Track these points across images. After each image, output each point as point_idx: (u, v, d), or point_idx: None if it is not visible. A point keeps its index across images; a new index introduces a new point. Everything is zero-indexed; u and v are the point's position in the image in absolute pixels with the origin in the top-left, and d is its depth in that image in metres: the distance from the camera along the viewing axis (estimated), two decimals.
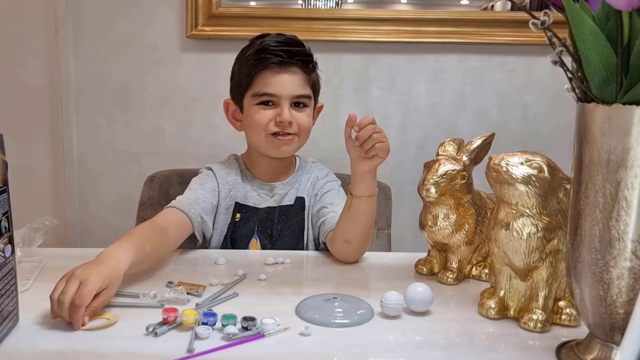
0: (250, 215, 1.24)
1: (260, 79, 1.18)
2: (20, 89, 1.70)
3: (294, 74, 1.19)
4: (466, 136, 1.05)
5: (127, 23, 1.67)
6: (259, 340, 0.77)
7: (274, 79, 1.18)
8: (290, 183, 1.27)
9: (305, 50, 1.21)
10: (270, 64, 1.17)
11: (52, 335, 0.77)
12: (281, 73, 1.18)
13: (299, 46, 1.21)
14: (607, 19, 0.64)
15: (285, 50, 1.17)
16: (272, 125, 1.19)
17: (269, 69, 1.18)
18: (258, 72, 1.18)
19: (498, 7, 1.69)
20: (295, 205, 1.25)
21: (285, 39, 1.20)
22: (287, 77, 1.18)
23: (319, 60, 1.65)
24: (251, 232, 1.23)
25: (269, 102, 1.19)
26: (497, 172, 0.81)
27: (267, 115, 1.19)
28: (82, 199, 1.76)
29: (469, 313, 0.88)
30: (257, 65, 1.18)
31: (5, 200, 0.75)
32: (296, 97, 1.19)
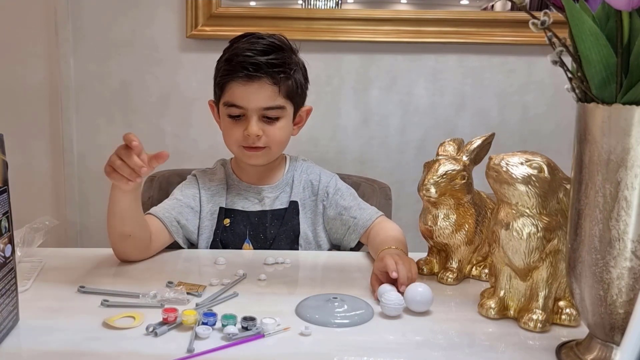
0: (240, 220, 1.22)
1: (230, 89, 1.16)
2: (20, 89, 1.70)
3: (262, 87, 1.13)
4: (466, 136, 1.05)
5: (127, 23, 1.67)
6: (259, 340, 0.77)
7: (241, 90, 1.14)
8: (280, 186, 1.25)
9: (276, 60, 1.14)
10: (237, 76, 1.14)
11: (52, 335, 0.77)
12: (248, 85, 1.13)
13: (273, 53, 1.14)
14: (607, 19, 0.64)
15: (252, 62, 1.12)
16: (241, 138, 1.17)
17: (236, 81, 1.14)
18: (227, 82, 1.16)
19: (498, 7, 1.69)
20: (290, 209, 1.24)
21: (257, 48, 1.14)
22: (254, 90, 1.13)
23: (319, 61, 1.66)
24: (243, 237, 1.22)
25: (239, 115, 1.16)
26: (497, 172, 0.81)
27: (237, 130, 1.17)
28: (82, 198, 1.76)
29: (469, 313, 0.88)
30: (226, 76, 1.15)
31: (5, 200, 0.75)
32: (265, 109, 1.15)
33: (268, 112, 1.15)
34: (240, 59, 1.13)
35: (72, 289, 0.92)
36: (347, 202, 1.23)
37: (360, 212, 1.21)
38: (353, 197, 1.25)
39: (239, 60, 1.13)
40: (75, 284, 0.93)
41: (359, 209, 1.22)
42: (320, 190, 1.25)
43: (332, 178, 1.28)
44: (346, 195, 1.24)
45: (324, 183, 1.26)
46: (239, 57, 1.14)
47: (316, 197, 1.26)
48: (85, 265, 1.05)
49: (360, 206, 1.23)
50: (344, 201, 1.23)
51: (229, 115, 1.17)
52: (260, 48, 1.14)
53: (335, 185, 1.26)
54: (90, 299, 0.88)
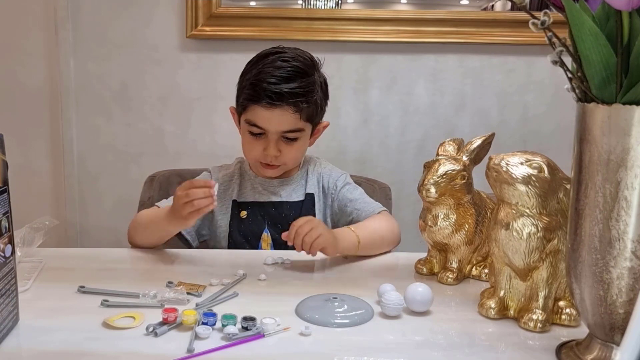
0: (258, 211, 1.26)
1: (252, 110, 1.18)
2: (20, 89, 1.70)
3: (284, 113, 1.16)
4: (466, 136, 1.05)
5: (127, 23, 1.67)
6: (259, 340, 0.77)
7: (263, 114, 1.17)
8: (295, 180, 1.30)
9: (299, 88, 1.16)
10: (260, 102, 1.16)
11: (52, 335, 0.77)
12: (270, 110, 1.16)
13: (298, 79, 1.17)
14: (607, 19, 0.64)
15: (276, 91, 1.15)
16: (260, 155, 1.21)
17: (259, 104, 1.17)
18: (250, 104, 1.19)
19: (498, 7, 1.69)
20: (307, 201, 1.28)
21: (281, 73, 1.16)
22: (277, 114, 1.16)
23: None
24: (261, 227, 1.25)
25: (260, 133, 1.20)
26: (497, 172, 0.81)
27: (256, 146, 1.21)
28: (82, 199, 1.76)
29: (469, 313, 0.88)
30: (250, 98, 1.18)
31: (5, 200, 0.75)
32: (285, 132, 1.19)
33: (288, 134, 1.20)
34: (264, 85, 1.15)
35: (72, 289, 0.92)
36: (353, 196, 1.27)
37: (364, 205, 1.25)
38: (360, 193, 1.29)
39: (263, 87, 1.15)
40: (75, 284, 0.92)
41: (363, 202, 1.26)
42: (330, 183, 1.30)
43: (342, 174, 1.32)
44: (353, 190, 1.29)
45: (334, 177, 1.30)
46: (263, 84, 1.16)
47: (326, 190, 1.30)
48: (85, 265, 1.05)
49: (366, 200, 1.27)
50: (351, 194, 1.28)
51: (250, 132, 1.21)
52: (284, 75, 1.16)
53: (345, 180, 1.31)
54: (90, 299, 0.88)
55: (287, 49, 1.22)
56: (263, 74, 1.17)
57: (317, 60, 1.23)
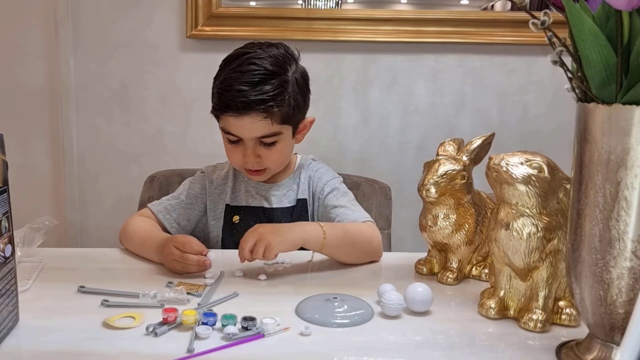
0: (250, 216, 1.24)
1: (223, 118, 1.15)
2: (20, 89, 1.70)
3: (253, 120, 1.11)
4: (466, 136, 1.05)
5: (127, 23, 1.67)
6: (259, 340, 0.77)
7: (233, 122, 1.13)
8: (286, 184, 1.25)
9: (264, 96, 1.09)
10: (228, 112, 1.12)
11: (52, 335, 0.77)
12: (239, 118, 1.11)
13: (265, 83, 1.10)
14: (607, 19, 0.64)
15: (242, 100, 1.09)
16: (240, 161, 1.17)
17: (228, 114, 1.13)
18: (221, 113, 1.15)
19: (498, 7, 1.69)
20: (298, 206, 1.25)
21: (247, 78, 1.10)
22: (246, 123, 1.11)
23: (319, 61, 1.66)
24: None
25: (236, 140, 1.16)
26: (497, 172, 0.81)
27: (236, 153, 1.17)
28: (82, 199, 1.76)
29: (469, 313, 0.88)
30: (218, 108, 1.15)
31: (5, 200, 0.75)
32: (260, 137, 1.14)
33: (264, 139, 1.14)
34: (229, 95, 1.10)
35: (72, 289, 0.92)
36: (339, 202, 1.20)
37: (349, 212, 1.18)
38: (348, 200, 1.22)
39: (229, 97, 1.10)
40: (75, 284, 0.92)
41: (348, 210, 1.18)
42: (318, 187, 1.25)
43: (333, 179, 1.26)
44: (340, 196, 1.22)
45: (324, 181, 1.25)
46: (230, 93, 1.10)
47: (314, 194, 1.26)
48: (85, 265, 1.05)
49: (351, 208, 1.19)
50: (337, 201, 1.21)
51: (228, 140, 1.17)
52: (250, 80, 1.10)
53: (333, 185, 1.24)
54: (90, 299, 0.88)
55: (258, 47, 1.15)
56: (229, 80, 1.11)
57: (291, 54, 1.17)
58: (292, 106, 1.14)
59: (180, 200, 1.23)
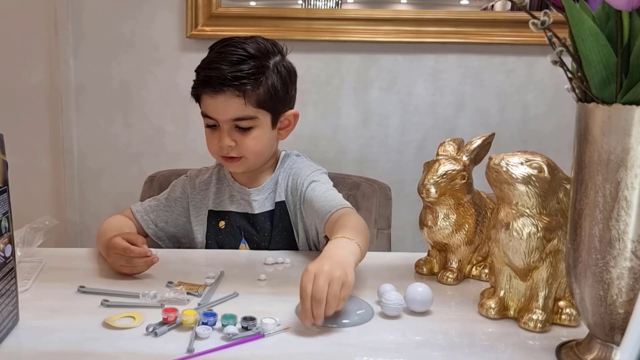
0: (234, 221, 1.21)
1: (202, 100, 1.14)
2: (20, 89, 1.70)
3: (228, 99, 1.10)
4: (466, 136, 1.05)
5: (127, 23, 1.67)
6: (259, 340, 0.77)
7: (209, 102, 1.12)
8: (266, 188, 1.21)
9: (239, 73, 1.09)
10: (204, 90, 1.12)
11: (52, 335, 0.77)
12: (215, 98, 1.11)
13: (242, 63, 1.10)
14: (607, 19, 0.64)
15: (217, 75, 1.09)
16: (217, 148, 1.15)
17: (205, 93, 1.12)
18: (198, 93, 1.14)
19: (498, 7, 1.69)
20: (277, 210, 1.20)
21: (226, 57, 1.10)
22: (221, 102, 1.10)
23: (319, 61, 1.66)
24: (238, 238, 1.21)
25: (213, 125, 1.14)
26: (497, 172, 0.81)
27: (213, 140, 1.15)
28: (82, 198, 1.76)
29: (469, 313, 0.88)
30: (196, 87, 1.14)
31: (5, 200, 0.75)
32: (235, 120, 1.12)
33: (239, 122, 1.13)
34: (206, 72, 1.11)
35: (72, 289, 0.92)
36: (316, 193, 1.14)
37: (325, 201, 1.11)
38: (325, 189, 1.16)
39: (205, 75, 1.11)
40: (75, 284, 0.93)
41: (324, 199, 1.12)
42: (298, 184, 1.19)
43: (311, 172, 1.20)
44: (317, 187, 1.16)
45: (303, 177, 1.19)
46: (206, 71, 1.11)
47: (294, 193, 1.20)
48: (85, 265, 1.05)
49: (328, 197, 1.12)
50: (314, 192, 1.15)
51: (207, 125, 1.17)
52: (229, 59, 1.11)
53: (311, 178, 1.18)
54: (90, 299, 0.88)
55: (245, 37, 1.15)
56: (209, 60, 1.13)
57: (279, 48, 1.17)
58: (270, 92, 1.12)
59: (160, 202, 1.24)
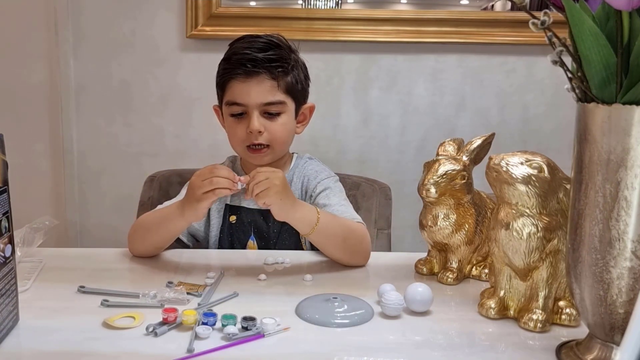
0: (245, 217, 1.23)
1: (230, 87, 1.17)
2: (20, 89, 1.70)
3: (261, 82, 1.14)
4: (466, 136, 1.05)
5: (128, 23, 1.67)
6: (259, 340, 0.77)
7: (240, 88, 1.15)
8: None
9: (274, 55, 1.15)
10: (236, 74, 1.15)
11: (52, 335, 0.77)
12: (247, 81, 1.14)
13: (270, 50, 1.16)
14: (607, 19, 0.64)
15: (250, 58, 1.14)
16: (244, 136, 1.17)
17: (235, 79, 1.15)
18: (227, 81, 1.17)
19: (498, 7, 1.69)
20: None
21: (254, 45, 1.16)
22: (253, 86, 1.14)
23: (319, 61, 1.66)
24: (247, 234, 1.23)
25: (241, 113, 1.17)
26: (497, 172, 0.81)
27: (240, 129, 1.17)
28: (82, 198, 1.76)
29: (469, 313, 0.88)
30: (225, 75, 1.17)
31: (5, 200, 0.75)
32: (265, 104, 1.15)
33: (269, 107, 1.16)
34: (238, 56, 1.15)
35: (72, 289, 0.92)
36: (330, 201, 1.18)
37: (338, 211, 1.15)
38: (339, 199, 1.20)
39: (237, 58, 1.15)
40: (75, 284, 0.92)
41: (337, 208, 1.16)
42: (311, 186, 1.23)
43: (326, 178, 1.24)
44: (332, 195, 1.20)
45: (318, 180, 1.23)
46: (237, 55, 1.16)
47: (307, 193, 1.24)
48: (85, 265, 1.05)
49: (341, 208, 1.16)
50: (328, 200, 1.18)
51: (232, 115, 1.18)
52: (258, 46, 1.16)
53: (326, 184, 1.22)
54: (90, 299, 0.88)
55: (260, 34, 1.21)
56: (237, 48, 1.17)
57: (293, 44, 1.22)
58: (296, 80, 1.19)
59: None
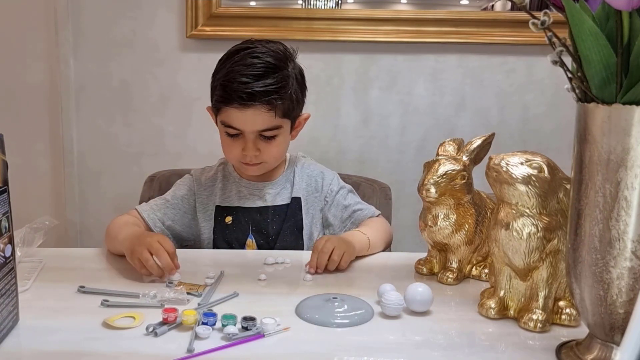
0: (242, 216, 1.23)
1: (225, 111, 1.15)
2: (20, 89, 1.70)
3: (257, 112, 1.12)
4: (466, 136, 1.05)
5: (128, 23, 1.67)
6: (259, 340, 0.77)
7: (237, 115, 1.13)
8: (280, 182, 1.26)
9: (269, 88, 1.11)
10: (232, 103, 1.13)
11: (52, 335, 0.77)
12: (244, 110, 1.12)
13: (268, 76, 1.12)
14: (607, 19, 0.64)
15: (247, 92, 1.11)
16: (239, 155, 1.18)
17: (231, 106, 1.13)
18: (223, 106, 1.15)
19: (498, 7, 1.69)
20: (292, 205, 1.25)
21: (252, 72, 1.12)
22: (249, 116, 1.13)
23: (319, 61, 1.66)
24: (246, 233, 1.23)
25: (236, 134, 1.16)
26: (497, 172, 0.81)
27: (235, 147, 1.17)
28: (82, 198, 1.76)
29: (469, 313, 0.88)
30: (221, 100, 1.15)
31: (5, 200, 0.75)
32: (262, 131, 1.15)
33: (265, 132, 1.16)
34: (234, 86, 1.12)
35: (72, 289, 0.92)
36: (348, 201, 1.28)
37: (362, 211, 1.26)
38: (353, 196, 1.30)
39: (233, 88, 1.12)
40: (75, 284, 0.92)
41: (359, 207, 1.27)
42: (325, 187, 1.28)
43: (334, 177, 1.30)
44: (346, 194, 1.29)
45: (328, 181, 1.28)
46: (234, 84, 1.12)
47: (319, 194, 1.28)
48: (85, 265, 1.05)
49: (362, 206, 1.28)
50: (345, 200, 1.28)
51: (227, 133, 1.18)
52: (254, 72, 1.12)
53: (338, 184, 1.29)
54: (90, 299, 0.88)
55: (257, 43, 1.17)
56: (232, 73, 1.13)
57: (291, 51, 1.19)
58: (294, 100, 1.17)
59: (166, 200, 1.24)
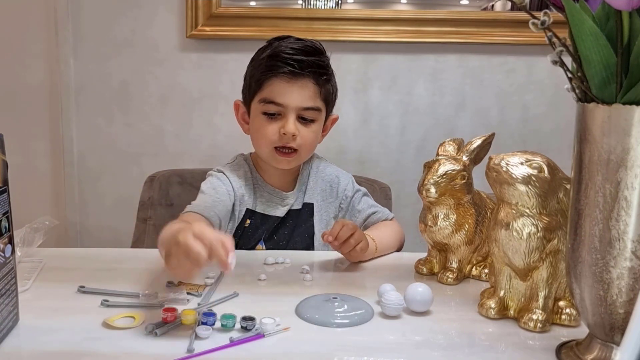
0: (260, 223, 1.21)
1: (269, 85, 1.13)
2: (20, 89, 1.70)
3: (304, 86, 1.12)
4: (466, 136, 1.05)
5: (127, 23, 1.67)
6: (259, 340, 0.77)
7: (283, 88, 1.12)
8: (297, 189, 1.25)
9: (320, 61, 1.14)
10: (281, 72, 1.11)
11: (52, 335, 0.77)
12: (291, 82, 1.12)
13: (316, 55, 1.14)
14: (607, 19, 0.64)
15: (298, 59, 1.11)
16: (275, 137, 1.14)
17: (278, 77, 1.12)
18: (268, 79, 1.13)
19: (498, 7, 1.69)
20: (304, 211, 1.24)
21: (301, 46, 1.14)
22: (296, 88, 1.12)
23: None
24: (258, 239, 1.22)
25: (275, 113, 1.14)
26: (497, 172, 0.81)
27: (272, 128, 1.14)
28: (82, 199, 1.76)
29: (469, 313, 0.88)
30: (268, 72, 1.13)
31: (5, 200, 0.75)
32: (304, 109, 1.14)
33: (306, 112, 1.14)
34: (284, 55, 1.12)
35: (72, 289, 0.92)
36: (362, 205, 1.27)
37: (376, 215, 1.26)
38: (367, 199, 1.29)
39: (284, 57, 1.12)
40: (75, 284, 0.92)
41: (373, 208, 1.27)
42: (340, 193, 1.27)
43: (349, 181, 1.29)
44: (359, 197, 1.28)
45: (343, 186, 1.27)
46: (284, 54, 1.12)
47: (334, 200, 1.27)
48: (85, 265, 1.05)
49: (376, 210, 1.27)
50: (359, 205, 1.27)
51: (264, 113, 1.15)
52: (303, 48, 1.14)
53: (353, 188, 1.28)
54: (90, 299, 0.88)
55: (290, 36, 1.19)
56: (281, 46, 1.13)
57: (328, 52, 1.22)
58: (332, 89, 1.19)
59: (215, 198, 1.16)
